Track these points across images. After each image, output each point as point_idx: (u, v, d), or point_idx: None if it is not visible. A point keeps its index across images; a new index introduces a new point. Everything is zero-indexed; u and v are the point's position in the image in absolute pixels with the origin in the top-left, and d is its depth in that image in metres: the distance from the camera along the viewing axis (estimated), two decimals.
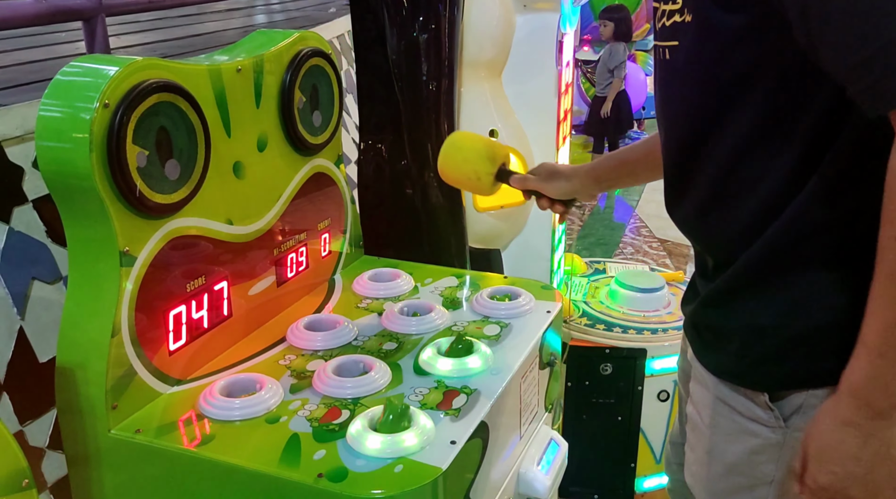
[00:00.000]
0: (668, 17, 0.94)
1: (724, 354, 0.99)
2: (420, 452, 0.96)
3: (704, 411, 1.04)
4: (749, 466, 0.99)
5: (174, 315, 1.09)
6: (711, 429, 1.03)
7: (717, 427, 1.02)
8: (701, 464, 1.06)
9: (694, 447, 1.09)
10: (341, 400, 1.07)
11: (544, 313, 1.34)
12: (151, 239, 1.04)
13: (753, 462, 0.99)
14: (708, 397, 1.03)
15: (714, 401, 1.01)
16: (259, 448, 0.97)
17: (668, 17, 0.95)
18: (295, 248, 1.37)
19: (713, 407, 1.02)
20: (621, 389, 1.87)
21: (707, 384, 1.03)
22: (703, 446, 1.05)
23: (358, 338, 1.26)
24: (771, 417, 0.96)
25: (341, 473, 0.92)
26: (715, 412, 1.02)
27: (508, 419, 1.17)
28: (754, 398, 0.96)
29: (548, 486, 1.23)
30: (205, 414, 1.04)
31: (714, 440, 1.03)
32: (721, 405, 1.01)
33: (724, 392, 1.00)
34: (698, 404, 1.06)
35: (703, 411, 1.04)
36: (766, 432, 0.97)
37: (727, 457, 1.01)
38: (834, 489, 0.86)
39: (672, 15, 0.93)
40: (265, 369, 1.15)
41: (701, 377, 1.05)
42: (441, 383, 1.12)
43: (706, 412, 1.03)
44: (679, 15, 0.92)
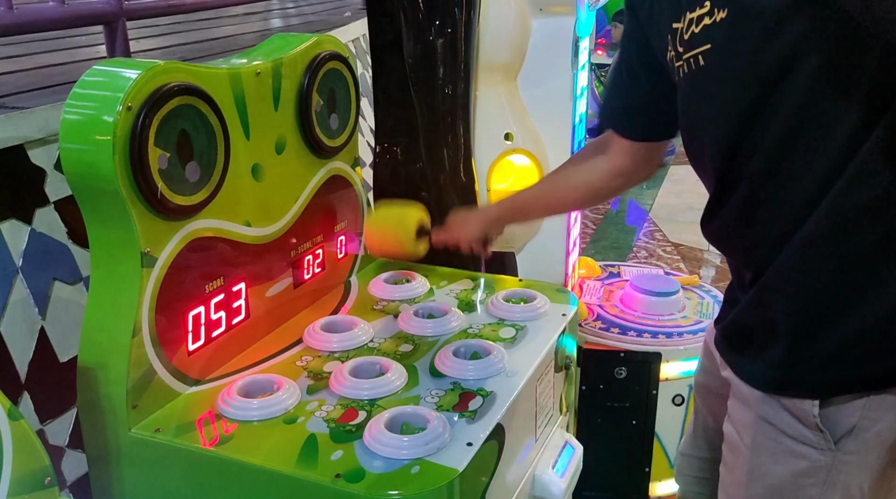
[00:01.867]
0: (696, 23, 0.93)
1: (768, 364, 0.96)
2: (437, 453, 0.96)
3: (745, 430, 1.00)
4: (793, 489, 0.96)
5: (193, 316, 1.10)
6: (752, 450, 0.99)
7: (759, 448, 0.98)
8: (739, 486, 1.02)
9: (731, 468, 1.05)
10: (358, 401, 1.08)
11: (559, 316, 1.34)
12: (172, 240, 1.05)
13: (798, 485, 0.96)
14: (749, 416, 0.99)
15: (756, 420, 0.98)
16: (277, 448, 0.98)
17: (696, 24, 0.93)
18: (311, 250, 1.38)
19: (755, 426, 0.98)
20: (636, 393, 1.86)
21: (748, 402, 0.99)
22: (742, 468, 1.01)
23: (374, 340, 1.27)
24: (820, 438, 0.93)
25: (359, 473, 0.93)
26: (757, 432, 0.98)
27: (524, 422, 1.17)
28: (803, 418, 0.93)
29: (563, 489, 1.23)
30: (223, 414, 1.04)
31: (756, 462, 0.99)
32: (764, 425, 0.97)
33: (768, 411, 0.96)
34: (738, 423, 1.02)
35: (743, 430, 1.01)
36: (815, 454, 0.93)
37: (769, 479, 0.98)
38: None
39: (701, 20, 0.91)
40: (282, 370, 1.16)
41: (741, 395, 1.01)
42: (457, 385, 1.13)
43: (747, 432, 1.00)
44: (709, 17, 0.90)
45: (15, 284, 1.19)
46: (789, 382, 0.95)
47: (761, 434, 0.98)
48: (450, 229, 1.38)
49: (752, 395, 0.99)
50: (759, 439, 0.99)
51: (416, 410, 1.04)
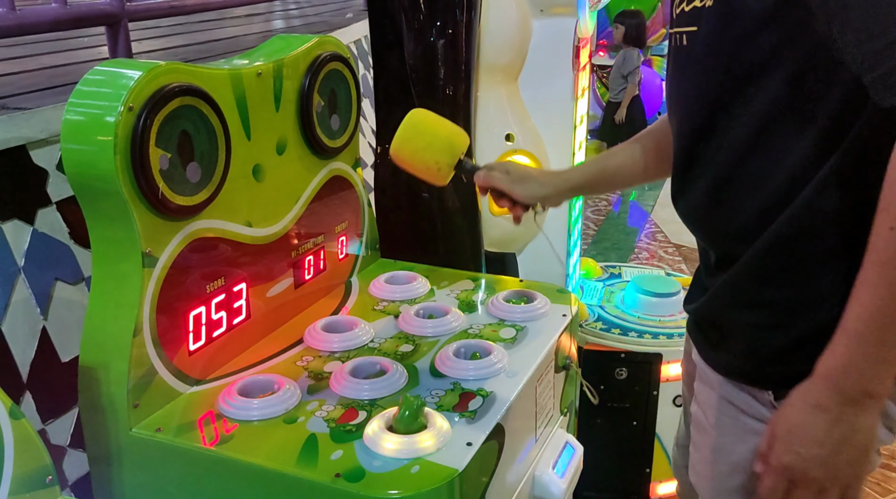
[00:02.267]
0: (687, 2, 0.95)
1: (731, 353, 0.99)
2: (436, 453, 0.96)
3: (710, 411, 1.04)
4: (754, 464, 0.98)
5: (194, 316, 1.10)
6: (717, 429, 1.03)
7: (722, 427, 1.02)
8: (706, 464, 1.06)
9: (699, 447, 1.08)
10: (358, 401, 1.08)
11: (560, 317, 1.34)
12: (173, 240, 1.05)
13: None
14: (713, 397, 1.03)
15: (719, 400, 1.02)
16: (277, 448, 0.98)
17: (687, 3, 0.95)
18: (312, 250, 1.39)
19: (718, 407, 1.02)
20: (636, 393, 1.86)
21: (712, 384, 1.03)
22: (708, 446, 1.05)
23: (374, 340, 1.27)
24: None
25: (358, 473, 0.93)
26: (720, 412, 1.02)
27: (524, 422, 1.17)
28: (759, 397, 0.96)
29: (563, 489, 1.23)
30: (224, 414, 1.05)
31: (719, 440, 1.03)
32: (726, 405, 1.01)
33: (730, 391, 1.00)
34: (703, 405, 1.06)
35: (708, 410, 1.04)
36: None
37: (732, 456, 1.01)
38: (796, 470, 0.86)
39: (692, 0, 0.93)
40: (283, 370, 1.17)
41: (706, 377, 1.05)
42: (457, 385, 1.13)
43: (711, 412, 1.03)
44: (700, 0, 0.92)
45: (17, 284, 1.19)
46: (748, 372, 0.98)
47: (724, 414, 1.01)
48: (507, 180, 1.24)
49: (715, 377, 1.02)
50: (722, 418, 1.01)
51: None
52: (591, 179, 1.31)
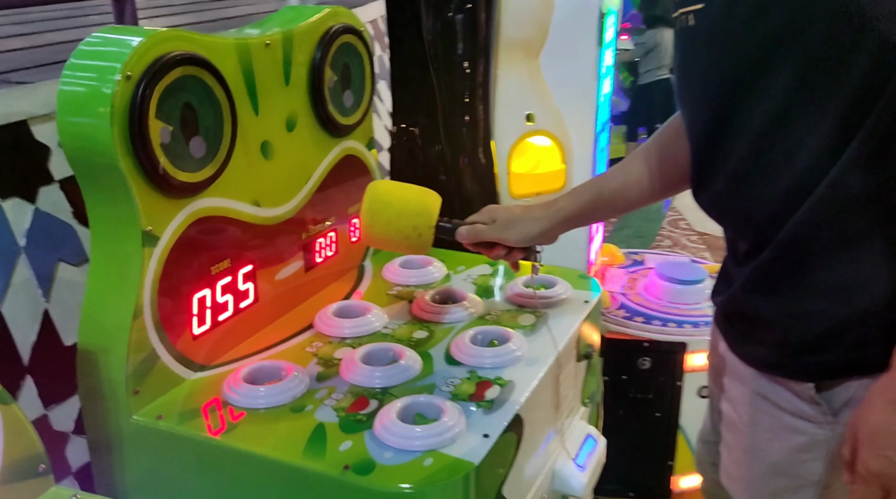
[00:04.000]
0: None
1: (764, 345, 0.92)
2: (451, 445, 0.91)
3: (742, 407, 0.97)
4: (793, 465, 0.92)
5: (198, 298, 1.05)
6: (751, 427, 0.96)
7: (756, 425, 0.95)
8: (739, 465, 0.99)
9: (731, 448, 1.01)
10: (369, 389, 1.03)
11: (581, 304, 1.28)
12: (175, 219, 1.00)
13: (798, 461, 0.92)
14: (745, 393, 0.96)
15: (752, 396, 0.94)
16: (283, 438, 0.93)
17: None
18: (324, 232, 1.33)
19: (752, 403, 0.95)
20: (660, 384, 1.79)
21: (744, 379, 0.96)
22: (741, 446, 0.98)
23: (387, 326, 1.21)
24: (818, 411, 0.89)
25: (368, 465, 0.88)
26: (754, 409, 0.95)
27: (544, 413, 1.11)
28: (798, 391, 0.89)
29: (584, 483, 1.17)
30: (229, 401, 1.00)
31: (754, 439, 0.96)
32: (761, 401, 0.94)
33: (764, 386, 0.93)
34: (735, 401, 0.99)
35: (740, 408, 0.97)
36: (813, 429, 0.90)
37: (769, 456, 0.94)
38: (888, 475, 0.79)
39: None
40: (291, 356, 1.12)
41: (737, 372, 0.98)
42: (473, 373, 1.07)
43: (744, 409, 0.96)
44: None
45: (18, 264, 1.15)
46: (784, 364, 0.91)
47: (758, 410, 0.94)
48: (493, 230, 1.10)
49: (747, 371, 0.95)
50: (757, 415, 0.95)
51: (429, 399, 0.98)
52: (586, 206, 1.11)
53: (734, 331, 0.99)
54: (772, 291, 0.90)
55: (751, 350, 0.95)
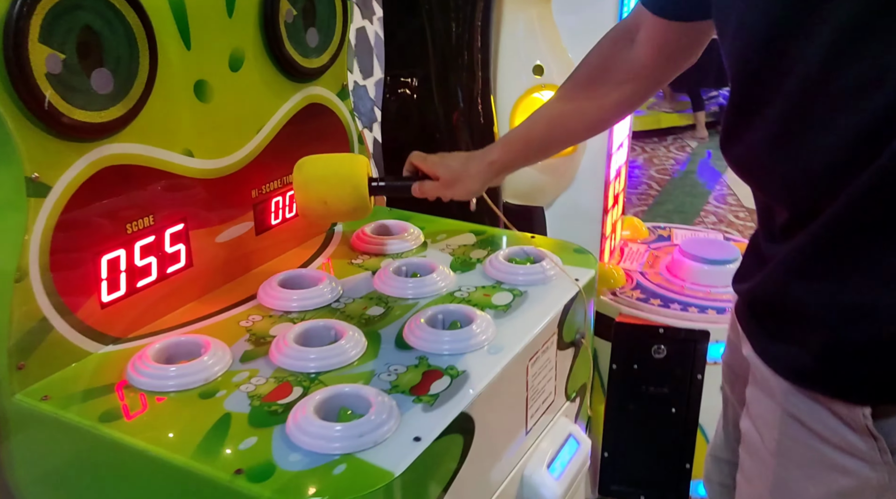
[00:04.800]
0: None
1: (804, 349, 0.71)
2: (373, 449, 0.75)
3: (769, 431, 0.76)
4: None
5: (109, 261, 0.91)
6: (778, 458, 0.75)
7: (787, 456, 0.74)
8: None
9: (750, 479, 0.81)
10: (297, 374, 0.88)
11: (570, 282, 1.09)
12: (74, 166, 0.86)
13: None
14: (775, 413, 0.75)
15: (783, 418, 0.74)
16: (180, 430, 0.78)
17: None
18: (282, 190, 1.17)
19: (781, 427, 0.74)
20: (677, 376, 1.59)
21: (773, 393, 0.75)
22: (764, 480, 0.77)
23: (340, 300, 1.06)
24: (872, 447, 0.68)
25: (266, 470, 0.72)
26: (784, 435, 0.74)
27: (508, 411, 0.94)
28: (847, 417, 0.68)
29: (557, 494, 0.99)
30: (131, 382, 0.86)
31: (782, 474, 0.75)
32: (794, 425, 0.73)
33: (800, 406, 0.72)
34: (759, 421, 0.78)
35: (766, 431, 0.77)
36: (864, 470, 0.69)
37: None
38: None
39: None
40: (221, 331, 0.97)
41: (764, 382, 0.76)
42: (423, 360, 0.90)
43: (771, 433, 0.76)
44: None
45: None
46: (830, 376, 0.69)
47: (790, 437, 0.73)
48: (445, 183, 1.06)
49: (777, 384, 0.74)
50: (787, 443, 0.74)
51: (357, 390, 0.82)
52: (518, 156, 1.06)
53: (762, 329, 0.77)
54: (821, 276, 0.68)
55: (785, 355, 0.73)
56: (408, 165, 1.10)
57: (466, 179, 1.06)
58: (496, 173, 1.07)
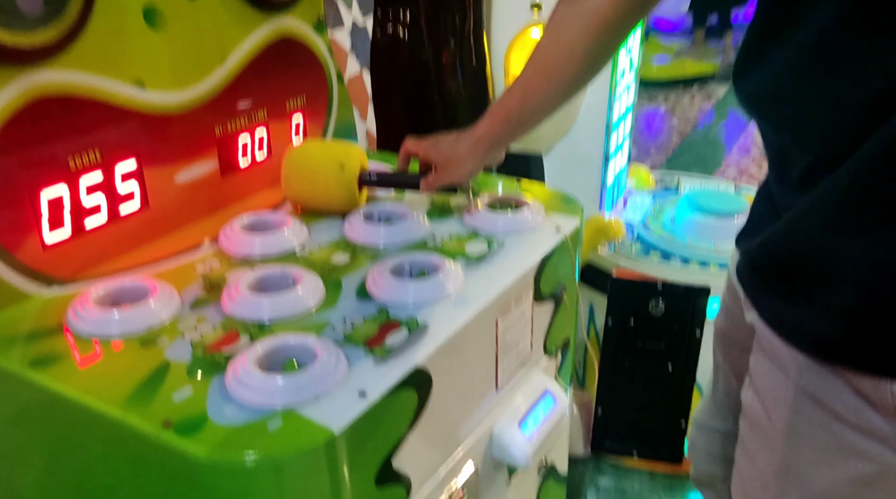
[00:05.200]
0: None
1: (825, 313, 0.62)
2: (314, 404, 0.69)
3: (778, 409, 0.69)
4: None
5: (50, 198, 0.86)
6: (789, 439, 0.68)
7: (799, 438, 0.67)
8: (763, 486, 0.72)
9: (754, 457, 0.74)
10: (247, 323, 0.82)
11: (552, 232, 1.02)
12: (2, 93, 0.79)
13: (856, 498, 0.65)
14: (786, 390, 0.67)
15: (797, 397, 0.66)
16: (114, 378, 0.74)
17: None
18: (249, 128, 1.11)
19: (795, 407, 0.67)
20: (675, 332, 1.52)
21: (784, 366, 0.67)
22: (770, 461, 0.71)
23: (306, 246, 1.00)
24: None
25: (197, 423, 0.67)
26: (797, 416, 0.67)
27: (473, 366, 0.88)
28: (872, 395, 0.61)
29: (528, 453, 0.94)
30: (70, 327, 0.81)
31: (792, 456, 0.69)
32: (810, 405, 0.66)
33: (817, 384, 0.64)
34: (767, 397, 0.71)
35: (775, 408, 0.69)
36: (888, 455, 0.62)
37: (812, 486, 0.68)
38: None
39: None
40: (175, 276, 0.92)
41: (773, 353, 0.68)
42: (384, 311, 0.84)
43: (781, 412, 0.69)
44: None
45: None
46: (857, 345, 0.61)
47: (804, 418, 0.66)
48: (440, 167, 1.00)
49: (791, 357, 0.66)
50: (800, 424, 0.67)
51: (302, 341, 0.77)
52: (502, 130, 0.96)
53: (774, 292, 0.68)
54: (852, 228, 0.60)
55: (802, 323, 0.65)
56: (402, 151, 1.05)
57: (458, 160, 0.99)
58: (486, 151, 0.98)
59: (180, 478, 0.68)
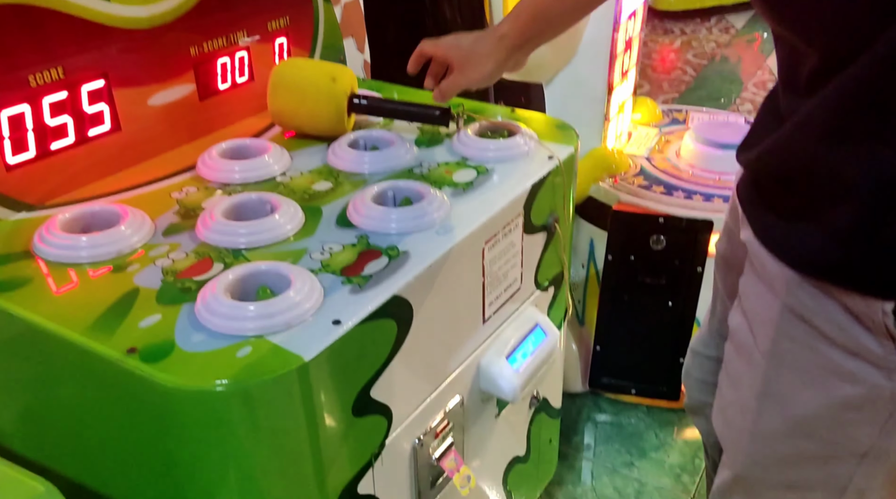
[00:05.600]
0: None
1: (820, 228, 0.59)
2: (286, 332, 0.67)
3: (763, 329, 0.66)
4: (831, 426, 0.64)
5: (10, 116, 0.81)
6: (773, 360, 0.66)
7: (782, 359, 0.65)
8: (745, 412, 0.70)
9: (736, 382, 0.72)
10: (221, 250, 0.79)
11: (543, 160, 0.97)
12: None
13: (840, 422, 0.63)
14: (772, 308, 0.64)
15: (783, 315, 0.63)
16: (80, 304, 0.71)
17: None
18: (227, 50, 1.05)
19: (780, 325, 0.64)
20: (675, 268, 1.49)
21: (773, 284, 0.64)
22: (752, 385, 0.68)
23: (287, 173, 0.96)
24: (891, 351, 0.58)
25: (164, 350, 0.65)
26: (782, 334, 0.64)
27: (458, 297, 0.85)
28: (863, 314, 0.58)
29: (516, 386, 0.92)
30: (37, 252, 0.78)
31: (776, 379, 0.66)
32: (796, 323, 0.63)
33: (805, 301, 0.61)
34: (753, 316, 0.68)
35: (760, 328, 0.66)
36: (877, 378, 0.60)
37: (795, 409, 0.65)
38: None
39: None
40: (149, 202, 0.88)
41: (763, 272, 0.65)
42: (363, 239, 0.81)
43: (766, 332, 0.66)
44: None
45: None
46: (851, 262, 0.58)
47: (789, 337, 0.64)
48: (458, 68, 0.94)
49: (781, 274, 0.62)
50: (785, 343, 0.64)
51: (275, 268, 0.73)
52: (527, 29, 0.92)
53: (769, 207, 0.65)
54: (856, 137, 0.56)
55: (794, 238, 0.62)
56: (417, 56, 0.99)
57: (478, 59, 0.93)
58: (509, 51, 0.93)
59: (150, 407, 0.66)
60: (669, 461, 1.53)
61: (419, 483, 0.86)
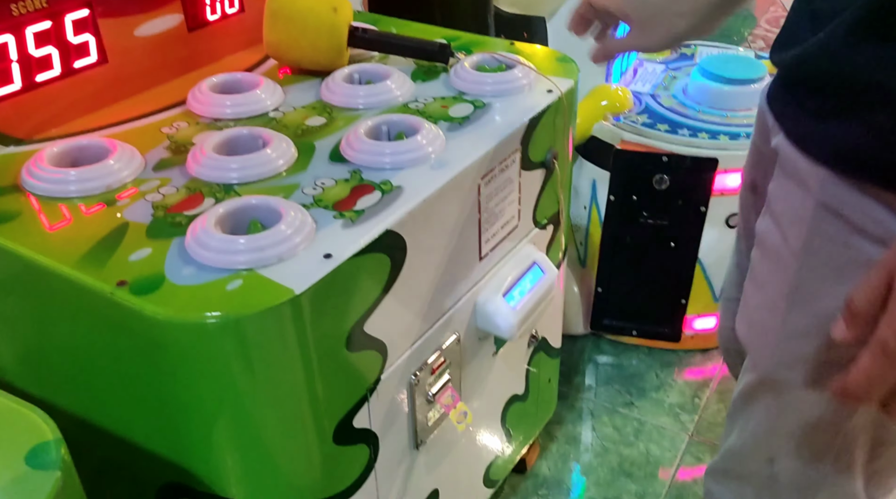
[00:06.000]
0: None
1: (857, 125, 0.56)
2: (277, 265, 0.66)
3: (795, 228, 0.63)
4: None
5: None
6: (805, 257, 0.62)
7: (815, 255, 0.62)
8: (773, 312, 0.66)
9: (763, 284, 0.68)
10: (212, 185, 0.78)
11: (542, 93, 0.94)
12: None
13: None
14: (805, 205, 0.61)
15: (816, 211, 0.60)
16: (69, 238, 0.70)
17: None
18: None
19: (813, 221, 0.61)
20: (679, 208, 1.46)
21: (806, 182, 0.61)
22: (779, 284, 0.65)
23: (280, 108, 0.93)
24: None
25: (154, 283, 0.64)
26: (815, 230, 0.61)
27: (453, 234, 0.84)
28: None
29: (512, 323, 0.92)
30: (24, 186, 0.77)
31: (807, 276, 0.62)
32: (829, 219, 0.60)
33: (840, 196, 0.59)
34: (783, 217, 0.65)
35: (791, 228, 0.63)
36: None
37: (824, 304, 0.62)
38: None
39: None
40: (139, 137, 0.86)
41: (795, 174, 0.62)
42: (356, 174, 0.79)
43: (798, 230, 0.62)
44: None
45: None
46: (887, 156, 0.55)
47: (822, 234, 0.61)
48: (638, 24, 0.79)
49: (814, 172, 0.60)
50: (817, 241, 0.61)
51: (265, 202, 0.72)
52: None
53: (803, 109, 0.61)
54: None
55: (830, 136, 0.59)
56: (585, 6, 0.83)
57: (671, 17, 0.77)
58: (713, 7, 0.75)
59: (141, 341, 0.66)
60: (669, 401, 1.55)
61: (416, 419, 0.86)
